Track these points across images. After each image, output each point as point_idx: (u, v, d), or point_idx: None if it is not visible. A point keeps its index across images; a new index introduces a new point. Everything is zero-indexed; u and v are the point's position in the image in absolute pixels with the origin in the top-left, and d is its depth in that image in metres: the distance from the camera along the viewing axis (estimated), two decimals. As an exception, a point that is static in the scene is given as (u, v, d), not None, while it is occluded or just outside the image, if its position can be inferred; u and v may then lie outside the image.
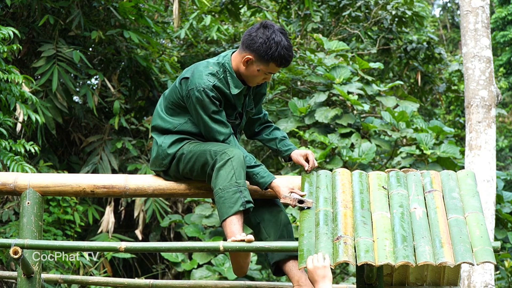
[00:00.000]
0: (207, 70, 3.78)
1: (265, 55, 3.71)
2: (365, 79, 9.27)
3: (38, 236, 3.75)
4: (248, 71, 3.78)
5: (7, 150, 6.19)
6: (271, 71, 3.78)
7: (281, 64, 3.74)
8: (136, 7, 8.75)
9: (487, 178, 6.17)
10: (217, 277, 7.75)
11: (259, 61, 3.74)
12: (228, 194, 3.61)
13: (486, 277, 5.96)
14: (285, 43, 3.71)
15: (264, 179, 3.73)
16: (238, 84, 3.81)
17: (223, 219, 3.62)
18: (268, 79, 3.86)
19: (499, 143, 18.51)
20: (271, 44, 3.69)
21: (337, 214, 3.50)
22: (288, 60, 3.74)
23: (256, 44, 3.72)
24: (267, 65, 3.74)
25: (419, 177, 3.69)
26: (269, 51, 3.70)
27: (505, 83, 17.67)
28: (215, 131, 3.78)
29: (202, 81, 3.73)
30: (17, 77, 6.17)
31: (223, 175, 3.63)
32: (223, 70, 3.81)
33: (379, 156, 9.58)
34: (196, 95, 3.72)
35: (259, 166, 3.75)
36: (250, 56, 3.74)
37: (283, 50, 3.71)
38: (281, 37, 3.72)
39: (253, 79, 3.82)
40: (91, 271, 7.90)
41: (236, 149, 3.71)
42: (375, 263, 3.23)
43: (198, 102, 3.73)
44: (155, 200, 8.51)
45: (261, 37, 3.71)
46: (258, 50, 3.72)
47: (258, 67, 3.75)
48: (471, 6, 6.52)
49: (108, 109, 9.31)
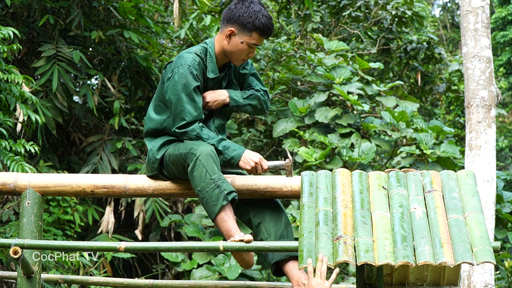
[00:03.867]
0: (191, 51, 3.84)
1: (247, 24, 3.77)
2: (365, 79, 9.27)
3: (38, 236, 3.75)
4: (232, 45, 3.82)
5: (7, 150, 6.19)
6: (255, 42, 3.80)
7: (264, 32, 3.79)
8: (136, 7, 8.75)
9: (487, 178, 6.17)
10: (217, 277, 7.75)
11: (241, 32, 3.80)
12: (207, 193, 3.62)
13: (486, 277, 5.96)
14: (264, 12, 3.80)
15: (236, 152, 3.76)
16: (215, 70, 3.86)
17: (212, 218, 3.65)
18: (252, 54, 3.87)
19: (499, 143, 18.50)
20: (251, 13, 3.77)
21: (337, 214, 3.50)
22: (269, 28, 3.80)
23: (237, 14, 3.79)
24: (250, 35, 3.79)
25: (419, 177, 3.69)
26: (250, 20, 3.76)
27: (505, 83, 17.66)
28: (186, 111, 3.76)
29: (188, 59, 3.79)
30: (17, 77, 6.17)
31: (197, 176, 3.64)
32: (205, 53, 3.86)
33: (379, 156, 9.58)
34: (181, 72, 3.77)
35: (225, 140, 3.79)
36: (232, 29, 3.81)
37: (264, 18, 3.78)
38: (260, 7, 3.80)
39: (238, 55, 3.84)
40: (91, 271, 7.90)
41: (201, 145, 3.70)
42: (375, 263, 3.24)
43: (181, 79, 3.76)
44: (155, 200, 8.51)
45: (241, 7, 3.80)
46: (240, 20, 3.78)
47: (241, 38, 3.80)
48: (471, 6, 6.52)
49: (108, 109, 9.31)
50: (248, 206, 3.90)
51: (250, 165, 3.74)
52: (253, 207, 3.89)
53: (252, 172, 3.77)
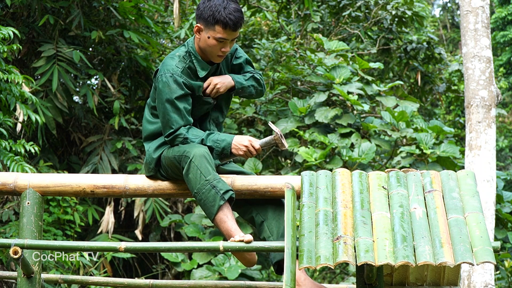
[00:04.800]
0: (175, 57, 3.83)
1: (208, 18, 3.73)
2: (365, 79, 9.27)
3: (38, 236, 3.75)
4: (202, 42, 3.80)
5: (7, 150, 6.19)
6: (221, 36, 3.73)
7: (227, 25, 3.71)
8: (136, 7, 8.75)
9: (487, 178, 6.17)
10: (217, 277, 7.75)
11: (206, 28, 3.76)
12: (204, 195, 3.63)
13: (486, 277, 5.95)
14: (230, 6, 3.73)
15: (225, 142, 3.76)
16: (204, 66, 3.84)
17: (211, 219, 3.66)
18: (226, 49, 3.80)
19: (499, 143, 18.50)
20: (212, 6, 3.72)
21: (337, 214, 3.50)
22: (232, 20, 3.72)
23: (200, 10, 3.77)
24: (214, 29, 3.73)
25: (419, 177, 3.69)
26: (211, 13, 3.71)
27: (505, 83, 17.66)
28: (172, 120, 3.77)
29: (171, 67, 3.78)
30: (17, 77, 6.17)
31: (192, 179, 3.65)
32: (189, 54, 3.85)
33: (379, 156, 9.58)
34: (164, 81, 3.76)
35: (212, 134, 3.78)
36: (199, 25, 3.79)
37: (226, 11, 3.70)
38: (227, 1, 3.74)
39: (210, 51, 3.80)
40: (91, 271, 7.90)
41: (194, 147, 3.71)
42: (375, 263, 3.23)
43: (164, 87, 3.76)
44: (155, 200, 8.51)
45: (204, 2, 3.77)
46: (202, 15, 3.76)
47: (207, 33, 3.76)
48: (471, 6, 6.52)
49: (108, 109, 9.31)
50: (251, 205, 3.90)
51: (242, 150, 3.74)
52: (256, 205, 3.89)
53: (247, 155, 3.77)
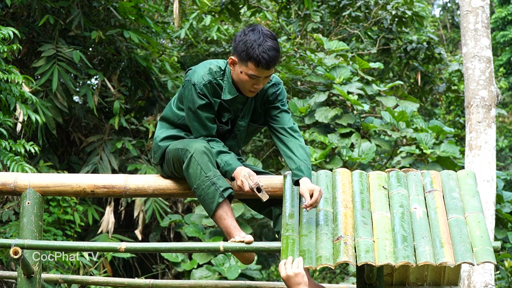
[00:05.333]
0: (208, 67, 3.78)
1: (242, 53, 3.62)
2: (365, 79, 9.26)
3: (38, 236, 3.75)
4: (235, 74, 3.72)
5: (7, 150, 6.18)
6: (253, 73, 3.63)
7: (259, 63, 3.59)
8: (136, 7, 8.75)
9: (487, 178, 6.17)
10: (217, 277, 7.75)
11: (240, 62, 3.66)
12: (203, 191, 3.63)
13: (486, 277, 5.95)
14: (266, 43, 3.60)
15: (230, 166, 3.68)
16: (232, 91, 3.75)
17: (210, 216, 3.66)
18: (259, 86, 3.70)
19: (499, 143, 18.50)
20: (248, 42, 3.61)
21: (337, 214, 3.50)
22: (267, 60, 3.59)
23: (236, 43, 3.68)
24: (246, 65, 3.62)
25: (419, 177, 3.69)
26: (245, 49, 3.61)
27: (505, 83, 17.66)
28: (193, 128, 3.78)
29: (197, 77, 3.74)
30: (17, 77, 6.17)
31: (192, 174, 3.65)
32: (223, 73, 3.78)
33: (379, 156, 9.58)
34: (188, 88, 3.75)
35: (228, 154, 3.72)
36: (233, 57, 3.70)
37: (260, 48, 3.58)
38: (264, 38, 3.61)
39: (242, 85, 3.72)
40: (91, 271, 7.90)
41: (196, 142, 3.70)
42: (375, 263, 3.24)
43: (188, 95, 3.75)
44: (155, 200, 8.51)
45: (241, 35, 3.67)
46: (238, 50, 3.65)
47: (240, 68, 3.67)
48: (471, 6, 6.52)
49: (108, 109, 9.31)
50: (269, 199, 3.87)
51: (240, 179, 3.62)
52: (274, 200, 3.87)
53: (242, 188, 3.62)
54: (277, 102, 3.86)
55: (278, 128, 3.84)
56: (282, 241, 3.39)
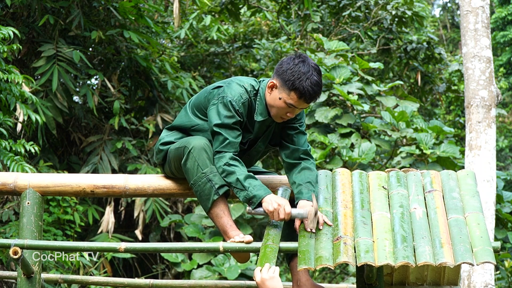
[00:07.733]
0: (243, 86, 3.75)
1: (288, 82, 3.59)
2: (365, 79, 9.26)
3: (38, 236, 3.75)
4: (271, 98, 3.69)
5: (7, 150, 6.18)
6: (292, 103, 3.61)
7: (303, 96, 3.58)
8: (136, 7, 8.75)
9: (487, 178, 6.17)
10: (217, 277, 7.75)
11: (281, 88, 3.63)
12: (200, 187, 3.63)
13: (486, 277, 5.95)
14: (313, 78, 3.58)
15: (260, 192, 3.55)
16: (263, 113, 3.73)
17: (206, 212, 3.67)
18: (292, 115, 3.68)
19: (499, 143, 18.49)
20: (296, 72, 3.59)
21: (337, 214, 3.50)
22: (311, 94, 3.57)
23: (282, 69, 3.64)
24: (288, 94, 3.60)
25: (419, 177, 3.69)
26: (292, 78, 3.59)
27: (505, 83, 17.66)
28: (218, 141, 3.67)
29: (235, 93, 3.70)
30: (17, 77, 6.17)
31: (190, 169, 3.65)
32: (256, 93, 3.77)
33: (379, 156, 9.58)
34: (224, 103, 3.68)
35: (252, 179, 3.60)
36: (274, 81, 3.67)
37: (307, 82, 3.57)
38: (312, 71, 3.60)
39: (275, 110, 3.68)
40: (91, 271, 7.90)
41: (195, 138, 3.69)
42: (375, 263, 3.23)
43: (223, 111, 3.67)
44: (155, 200, 8.51)
45: (289, 63, 3.63)
46: (283, 76, 3.62)
47: (280, 94, 3.64)
48: (471, 6, 6.52)
49: (108, 109, 9.31)
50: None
51: (273, 206, 3.50)
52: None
53: (274, 215, 3.51)
54: (296, 122, 3.85)
55: (292, 148, 3.81)
56: (261, 250, 3.37)
